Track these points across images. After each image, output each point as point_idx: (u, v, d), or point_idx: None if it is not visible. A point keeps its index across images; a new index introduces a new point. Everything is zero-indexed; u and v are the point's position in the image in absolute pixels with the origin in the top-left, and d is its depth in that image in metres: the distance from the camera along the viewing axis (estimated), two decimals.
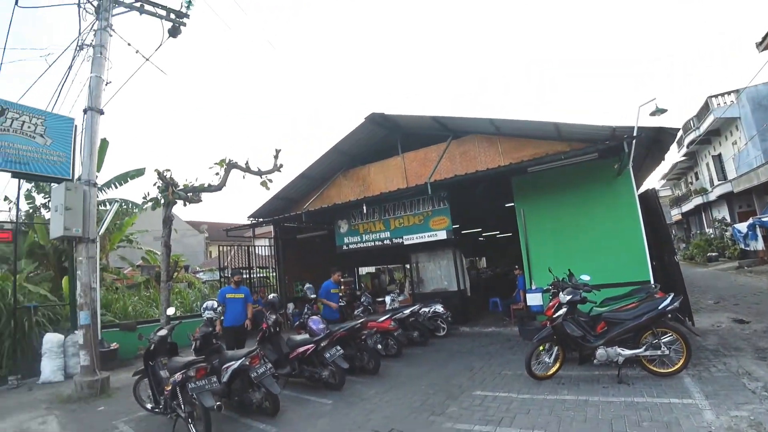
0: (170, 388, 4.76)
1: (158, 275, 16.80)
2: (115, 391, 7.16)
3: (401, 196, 10.61)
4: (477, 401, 5.18)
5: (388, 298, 10.38)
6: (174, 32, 9.00)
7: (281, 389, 5.37)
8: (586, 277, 6.29)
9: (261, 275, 15.01)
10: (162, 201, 10.26)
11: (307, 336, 6.64)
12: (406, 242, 10.94)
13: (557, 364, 5.77)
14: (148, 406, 5.60)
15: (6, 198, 14.55)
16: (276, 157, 11.01)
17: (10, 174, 8.84)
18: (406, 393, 5.78)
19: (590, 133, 8.35)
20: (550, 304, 6.04)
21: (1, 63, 10.04)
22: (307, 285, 8.78)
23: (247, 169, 10.53)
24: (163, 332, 5.50)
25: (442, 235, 10.26)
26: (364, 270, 19.68)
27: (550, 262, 7.62)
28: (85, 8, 8.33)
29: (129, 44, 8.78)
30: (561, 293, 5.87)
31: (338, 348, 6.23)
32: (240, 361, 5.16)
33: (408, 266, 14.42)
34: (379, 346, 7.55)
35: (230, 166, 10.33)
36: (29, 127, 8.76)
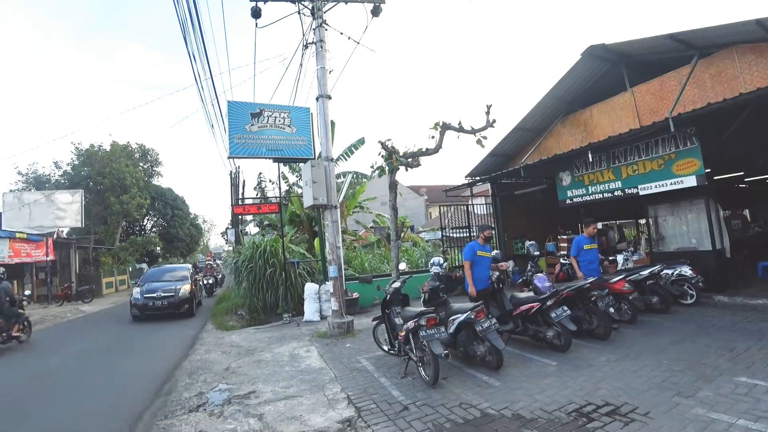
0: (404, 333, 5.27)
1: (388, 235, 18.75)
2: (358, 332, 8.35)
3: (634, 139, 9.12)
4: (741, 389, 4.12)
5: (620, 257, 9.22)
6: (376, 11, 9.56)
7: (504, 345, 5.37)
8: None
9: None
10: (387, 168, 11.27)
11: (531, 294, 6.44)
12: (641, 192, 9.42)
13: None
14: (385, 347, 6.35)
15: (270, 180, 18.78)
16: (488, 113, 10.73)
17: (272, 160, 11.20)
18: (644, 366, 5.04)
19: None
20: None
21: (254, 75, 12.81)
22: (530, 242, 8.49)
23: (460, 128, 10.58)
24: (396, 284, 6.12)
25: (690, 181, 8.48)
26: None
27: None
28: (303, 13, 9.57)
29: (341, 33, 9.78)
30: None
31: (565, 308, 5.84)
32: (466, 314, 5.34)
33: (643, 221, 12.58)
34: (611, 310, 6.76)
35: (444, 127, 10.53)
36: (280, 120, 10.87)
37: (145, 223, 37.39)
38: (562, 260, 10.49)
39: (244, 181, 25.34)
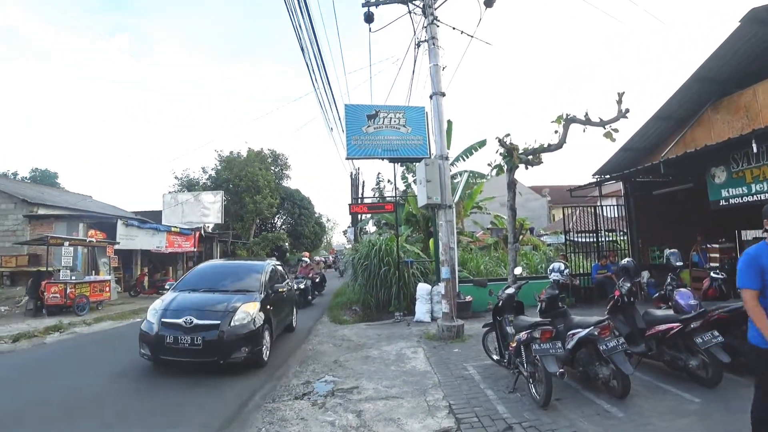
0: (515, 345, 4.85)
1: (506, 238, 17.92)
2: (468, 338, 7.98)
3: None
4: None
5: None
6: (488, 2, 9.11)
7: (633, 370, 4.58)
8: None
9: (608, 239, 13.74)
10: (505, 167, 10.82)
11: (670, 312, 5.46)
12: None
13: None
14: (494, 357, 5.94)
15: (389, 181, 19.31)
16: (619, 101, 9.59)
17: (387, 160, 11.38)
18: None
19: None
20: None
21: (371, 77, 13.16)
22: (671, 250, 7.35)
23: (587, 121, 9.63)
24: (510, 290, 5.69)
25: None
26: (749, 234, 15.22)
27: None
28: (414, 12, 9.56)
29: (454, 28, 9.50)
30: None
31: (715, 333, 4.72)
32: (588, 330, 4.71)
33: None
34: None
35: (569, 121, 9.70)
36: (395, 121, 11.06)
37: (275, 221, 41.04)
38: (712, 274, 8.88)
39: (363, 182, 26.39)
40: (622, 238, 13.86)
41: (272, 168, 36.28)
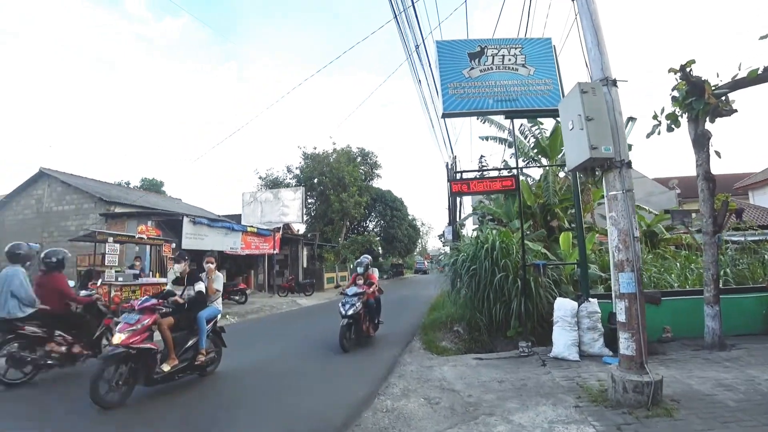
0: None
1: (648, 233, 13.10)
2: (676, 408, 4.15)
3: None
4: None
5: None
6: None
7: None
8: None
9: None
10: (685, 115, 7.04)
11: None
12: None
13: None
14: None
15: (495, 167, 15.29)
16: None
17: (503, 116, 8.14)
18: None
19: None
20: None
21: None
22: None
23: None
24: None
25: None
26: None
27: None
28: None
29: None
30: None
31: None
32: None
33: None
34: None
35: None
36: (509, 59, 7.93)
37: (367, 224, 38.93)
38: None
39: (462, 174, 22.87)
40: None
41: (361, 167, 34.03)
